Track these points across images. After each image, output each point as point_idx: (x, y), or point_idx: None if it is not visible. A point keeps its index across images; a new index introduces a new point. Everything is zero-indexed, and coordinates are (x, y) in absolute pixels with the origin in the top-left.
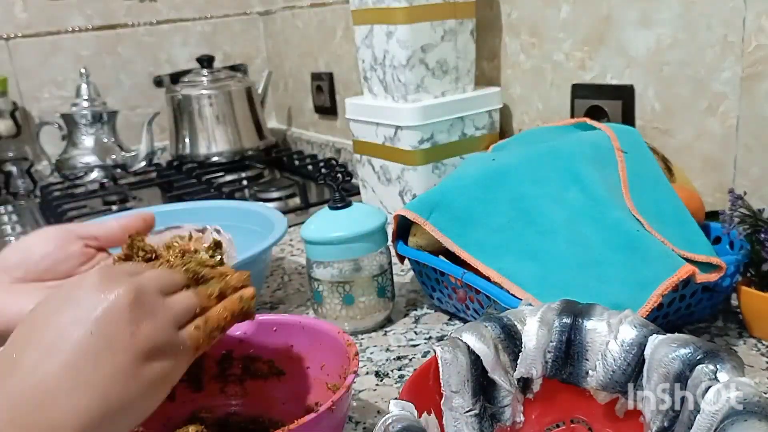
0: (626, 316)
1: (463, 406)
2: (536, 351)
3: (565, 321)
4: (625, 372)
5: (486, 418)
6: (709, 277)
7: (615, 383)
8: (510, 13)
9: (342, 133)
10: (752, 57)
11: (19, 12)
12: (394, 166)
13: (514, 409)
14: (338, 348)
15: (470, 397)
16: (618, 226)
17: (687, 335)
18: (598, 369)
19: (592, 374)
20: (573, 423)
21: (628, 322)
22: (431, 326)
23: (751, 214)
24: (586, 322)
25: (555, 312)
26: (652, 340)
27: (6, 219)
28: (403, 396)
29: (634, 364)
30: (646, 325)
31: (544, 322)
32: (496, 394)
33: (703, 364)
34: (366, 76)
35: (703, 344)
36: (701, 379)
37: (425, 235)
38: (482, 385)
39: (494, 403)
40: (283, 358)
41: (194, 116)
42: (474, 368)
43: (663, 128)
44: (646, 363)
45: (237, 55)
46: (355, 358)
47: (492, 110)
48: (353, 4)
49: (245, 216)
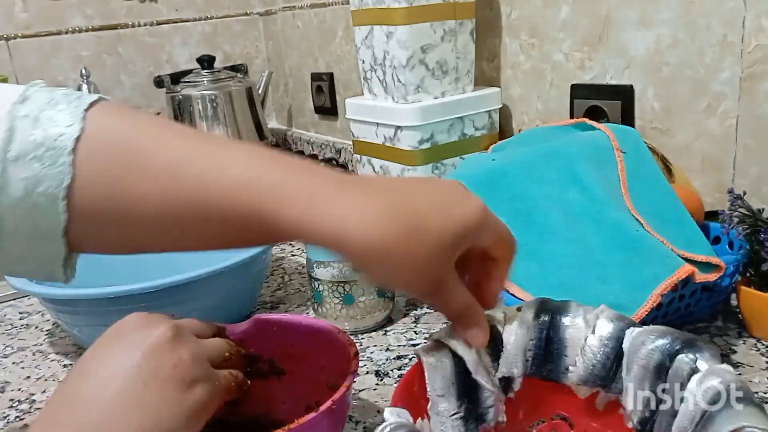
0: (602, 311)
1: (449, 410)
2: (516, 350)
3: (543, 319)
4: (604, 366)
5: (471, 420)
6: (708, 277)
7: (595, 377)
8: (510, 13)
9: (342, 133)
10: (752, 57)
11: (19, 12)
12: (394, 166)
13: (497, 410)
14: (338, 347)
15: (455, 400)
16: (617, 226)
17: (663, 327)
18: (578, 364)
19: (573, 370)
20: (554, 419)
21: (604, 317)
22: (431, 326)
23: (751, 214)
24: (563, 318)
25: (533, 311)
26: (629, 333)
27: None
28: (396, 403)
29: (612, 357)
30: (622, 318)
31: (523, 322)
32: (479, 396)
33: (683, 354)
34: (366, 77)
35: (680, 334)
36: (682, 368)
37: None
38: (466, 388)
39: (478, 404)
40: (283, 358)
41: (195, 116)
42: (458, 371)
43: (662, 128)
44: (625, 356)
45: (237, 55)
46: (356, 358)
47: (492, 110)
48: (353, 5)
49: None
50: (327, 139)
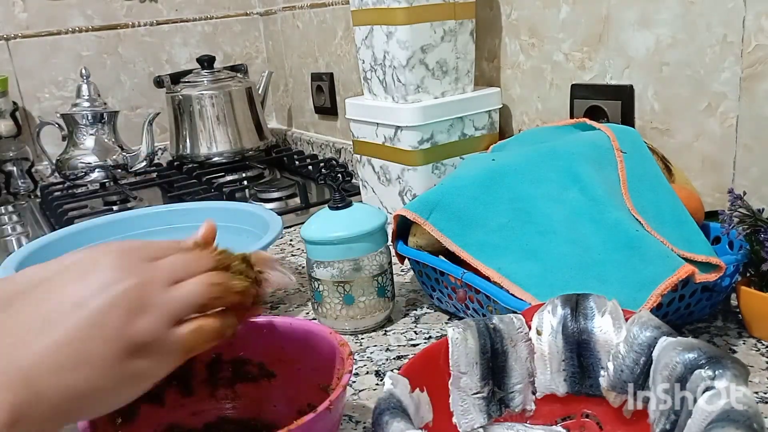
0: (641, 317)
1: (471, 388)
2: (552, 370)
3: (572, 328)
4: (633, 372)
5: (494, 402)
6: (708, 277)
7: (623, 383)
8: (510, 13)
9: (342, 133)
10: (752, 57)
11: (19, 12)
12: (394, 166)
13: (525, 397)
14: (331, 348)
15: (478, 379)
16: (617, 226)
17: (696, 340)
18: (608, 368)
19: (604, 374)
20: (584, 418)
21: (641, 323)
22: (431, 326)
23: (751, 214)
24: (590, 323)
25: (559, 318)
26: (661, 342)
27: (6, 219)
28: (403, 371)
29: (642, 364)
30: (659, 326)
31: (555, 332)
32: (506, 380)
33: (702, 369)
34: (366, 77)
35: (709, 350)
36: (697, 383)
37: (425, 235)
38: (492, 370)
39: (504, 388)
40: (274, 360)
41: (195, 116)
42: (483, 352)
43: (662, 128)
44: (653, 364)
45: (237, 55)
46: (350, 358)
47: (492, 110)
48: (353, 5)
49: (241, 217)
50: (327, 139)
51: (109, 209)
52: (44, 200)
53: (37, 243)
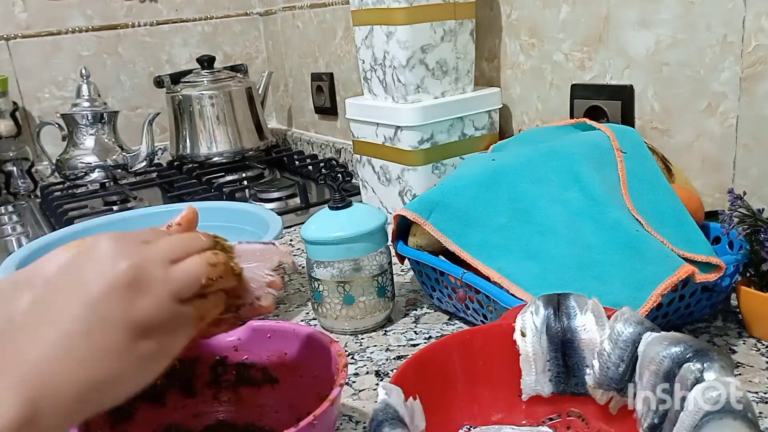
0: (623, 313)
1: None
2: (537, 371)
3: (556, 329)
4: (618, 368)
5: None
6: (708, 277)
7: (609, 380)
8: (510, 13)
9: (342, 133)
10: (752, 57)
11: (19, 12)
12: (394, 166)
13: None
14: (330, 358)
15: None
16: (617, 226)
17: (680, 334)
18: (594, 366)
19: (589, 372)
20: (569, 416)
21: (623, 320)
22: (431, 326)
23: (751, 214)
24: (573, 322)
25: (542, 320)
26: (645, 338)
27: (6, 219)
28: (396, 380)
29: (627, 360)
30: (641, 322)
31: (538, 333)
32: None
33: (690, 363)
34: (366, 77)
35: (694, 343)
36: (687, 377)
37: (425, 235)
38: None
39: None
40: (277, 366)
41: (194, 116)
42: None
43: (662, 128)
44: (639, 360)
45: (237, 55)
46: (344, 370)
47: (492, 110)
48: (353, 5)
49: (241, 217)
50: (327, 139)
51: (109, 209)
52: (44, 200)
53: (37, 243)
